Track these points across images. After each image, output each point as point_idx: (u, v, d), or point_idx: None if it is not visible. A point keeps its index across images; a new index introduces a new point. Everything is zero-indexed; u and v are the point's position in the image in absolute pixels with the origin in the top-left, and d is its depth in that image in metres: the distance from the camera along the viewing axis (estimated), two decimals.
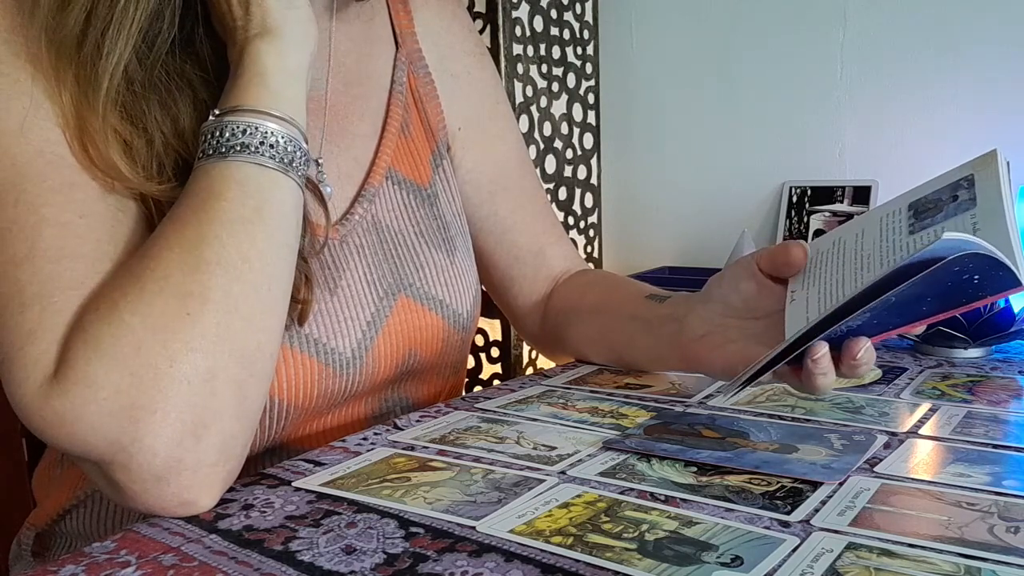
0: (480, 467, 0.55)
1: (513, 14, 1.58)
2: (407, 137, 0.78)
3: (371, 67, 0.77)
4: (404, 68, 0.79)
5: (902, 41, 1.49)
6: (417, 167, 0.78)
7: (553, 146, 1.71)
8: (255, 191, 0.55)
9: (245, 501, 0.52)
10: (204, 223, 0.53)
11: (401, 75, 0.78)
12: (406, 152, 0.77)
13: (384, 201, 0.74)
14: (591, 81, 1.80)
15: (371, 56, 0.77)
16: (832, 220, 1.57)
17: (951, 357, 0.86)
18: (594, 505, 0.49)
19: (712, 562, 0.42)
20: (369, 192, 0.73)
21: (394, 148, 0.76)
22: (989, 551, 0.42)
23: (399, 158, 0.76)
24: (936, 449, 0.58)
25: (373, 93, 0.77)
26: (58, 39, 0.55)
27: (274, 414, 0.64)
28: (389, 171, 0.75)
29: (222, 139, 0.55)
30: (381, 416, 0.74)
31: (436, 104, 0.81)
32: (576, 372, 0.82)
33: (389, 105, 0.77)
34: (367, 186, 0.73)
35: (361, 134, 0.75)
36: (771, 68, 1.62)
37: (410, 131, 0.78)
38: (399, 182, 0.76)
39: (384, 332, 0.70)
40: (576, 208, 1.79)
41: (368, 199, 0.73)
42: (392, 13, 0.80)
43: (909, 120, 1.50)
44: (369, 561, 0.43)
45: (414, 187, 0.77)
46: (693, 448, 0.57)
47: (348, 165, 0.73)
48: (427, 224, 0.77)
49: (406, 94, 0.78)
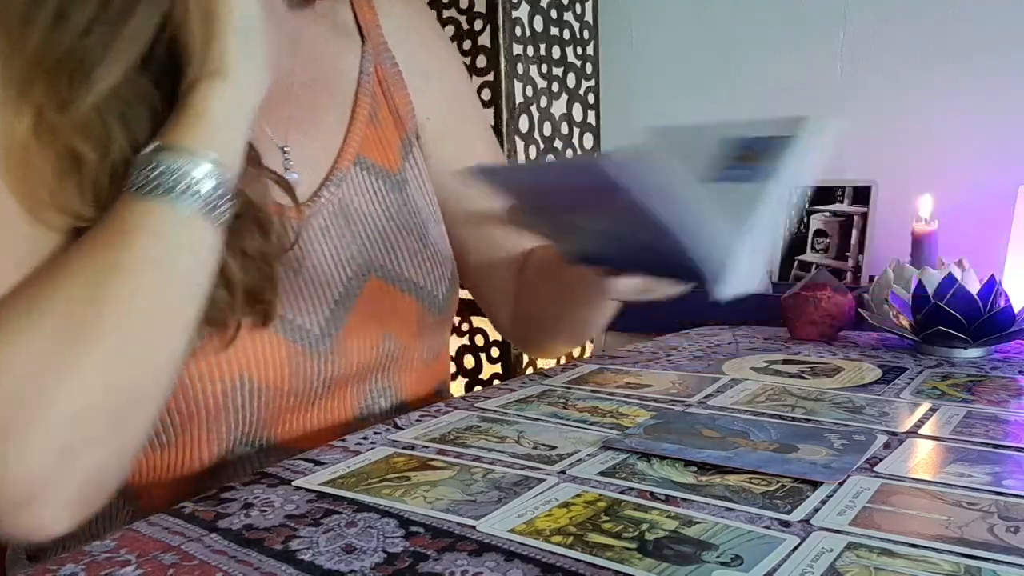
0: (480, 466, 0.55)
1: (513, 14, 1.58)
2: (376, 125, 0.79)
3: (338, 61, 0.79)
4: (371, 60, 0.80)
5: (902, 41, 1.49)
6: (386, 154, 0.79)
7: (553, 146, 1.71)
8: (169, 234, 0.54)
9: (245, 500, 0.52)
10: (110, 258, 0.53)
11: (368, 66, 0.80)
12: (375, 139, 0.78)
13: (352, 186, 0.75)
14: (591, 81, 1.80)
15: (338, 50, 0.79)
16: (832, 220, 1.57)
17: (951, 357, 0.86)
18: (594, 505, 0.49)
19: (712, 562, 0.42)
20: (336, 177, 0.74)
21: (362, 135, 0.77)
22: (989, 551, 0.42)
23: (368, 145, 0.77)
24: (936, 449, 0.58)
25: (341, 85, 0.78)
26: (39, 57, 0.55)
27: (246, 393, 0.64)
28: (358, 157, 0.76)
29: (150, 175, 0.54)
30: (369, 408, 0.74)
31: (404, 94, 0.82)
32: (576, 372, 0.82)
33: (357, 95, 0.78)
34: (335, 171, 0.74)
35: (329, 123, 0.76)
36: (771, 68, 1.62)
37: (379, 119, 0.79)
38: (368, 167, 0.77)
39: (355, 312, 0.71)
40: None
41: (335, 183, 0.74)
42: (356, 10, 0.82)
43: (909, 120, 1.50)
44: (369, 560, 0.43)
45: (384, 172, 0.78)
46: (693, 448, 0.57)
47: (316, 152, 0.74)
48: (397, 209, 0.77)
49: (373, 84, 0.80)
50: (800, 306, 0.96)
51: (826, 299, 0.94)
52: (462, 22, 1.60)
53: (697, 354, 0.89)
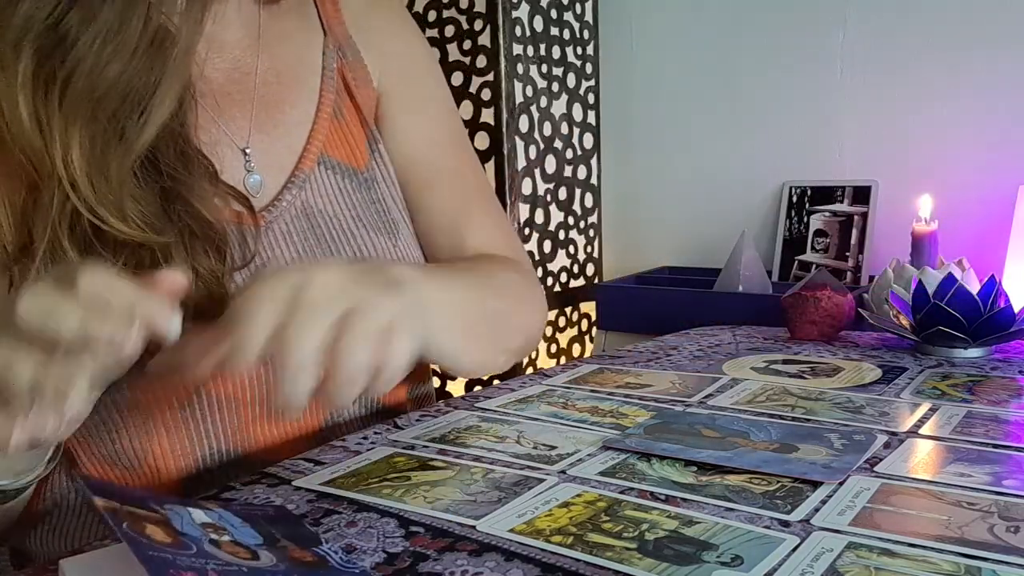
0: (480, 466, 0.55)
1: (513, 14, 1.58)
2: (340, 121, 0.76)
3: (301, 56, 0.76)
4: (333, 55, 0.78)
5: (902, 41, 1.49)
6: (353, 151, 0.76)
7: (553, 146, 1.71)
8: None
9: (246, 500, 0.52)
10: None
11: (331, 61, 0.77)
12: (340, 137, 0.76)
13: (316, 186, 0.73)
14: (591, 81, 1.80)
15: (302, 46, 0.77)
16: (832, 220, 1.57)
17: (951, 357, 0.86)
18: (594, 504, 0.49)
19: (712, 561, 0.42)
20: (299, 178, 0.72)
21: (327, 133, 0.75)
22: (990, 551, 0.42)
23: (332, 143, 0.75)
24: (936, 449, 0.58)
25: (304, 81, 0.76)
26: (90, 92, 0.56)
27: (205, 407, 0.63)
28: (321, 156, 0.74)
29: None
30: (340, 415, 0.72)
31: (369, 89, 0.79)
32: (576, 372, 0.82)
33: (321, 91, 0.76)
34: (297, 172, 0.72)
35: (293, 122, 0.74)
36: (771, 68, 1.62)
37: (343, 115, 0.77)
38: (332, 167, 0.74)
39: None
40: (576, 208, 1.79)
41: (298, 185, 0.71)
42: (318, 3, 0.79)
43: (909, 120, 1.50)
44: (369, 560, 0.43)
45: (349, 171, 0.75)
46: (693, 448, 0.57)
47: (279, 153, 0.72)
48: (364, 208, 0.75)
49: (337, 80, 0.77)
50: (800, 306, 0.96)
51: (826, 299, 0.94)
52: (462, 22, 1.60)
53: (697, 354, 0.89)
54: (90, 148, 0.56)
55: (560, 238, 1.76)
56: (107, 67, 0.56)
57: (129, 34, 0.57)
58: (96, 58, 0.56)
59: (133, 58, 0.57)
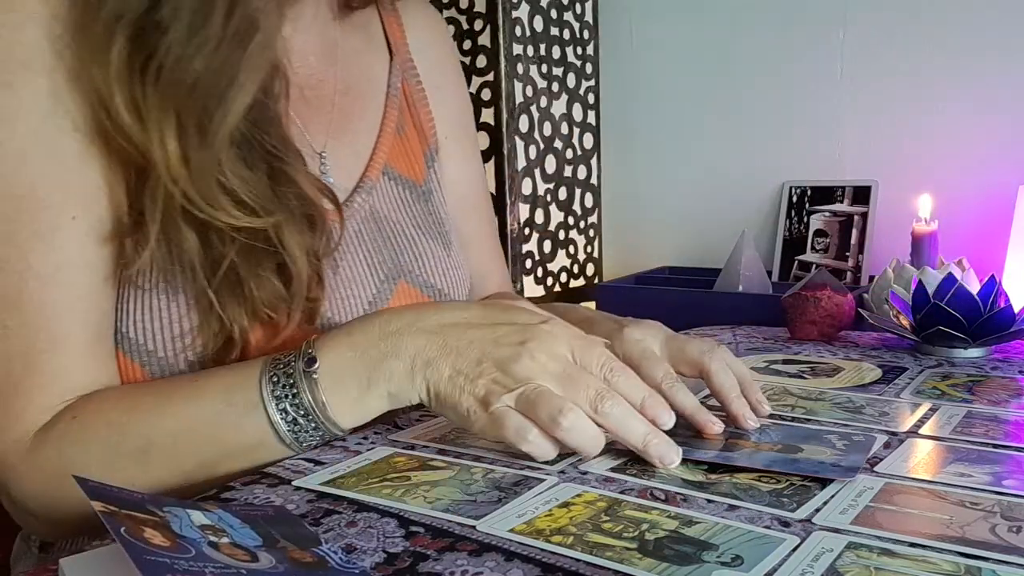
0: (480, 466, 0.55)
1: (513, 14, 1.58)
2: (403, 137, 0.82)
3: (370, 72, 0.82)
4: (399, 74, 0.84)
5: (902, 41, 1.49)
6: (412, 165, 0.82)
7: (553, 146, 1.71)
8: (248, 441, 0.58)
9: (245, 500, 0.52)
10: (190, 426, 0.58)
11: (396, 80, 0.83)
12: (402, 151, 0.81)
13: (381, 194, 0.77)
14: (591, 81, 1.80)
15: (370, 62, 0.82)
16: (832, 220, 1.57)
17: (951, 357, 0.86)
18: (594, 504, 0.49)
19: (712, 561, 0.42)
20: (367, 184, 0.76)
21: (390, 146, 0.80)
22: (991, 551, 0.42)
23: (395, 156, 0.80)
24: (936, 449, 0.58)
25: (372, 95, 0.81)
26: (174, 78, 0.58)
27: None
28: (385, 167, 0.79)
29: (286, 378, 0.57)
30: None
31: (427, 110, 0.86)
32: None
33: (386, 107, 0.81)
34: (365, 179, 0.76)
35: (361, 131, 0.78)
36: (771, 68, 1.62)
37: (405, 132, 0.82)
38: (395, 178, 0.79)
39: None
40: (576, 208, 1.79)
41: (366, 191, 0.76)
42: (385, 24, 0.85)
43: (909, 120, 1.50)
44: (369, 560, 0.43)
45: (409, 183, 0.81)
46: (699, 449, 0.57)
47: (348, 160, 0.76)
48: (423, 218, 0.80)
49: (400, 98, 0.83)
50: (800, 306, 0.95)
51: (826, 299, 0.94)
52: (462, 22, 1.60)
53: None
54: (184, 139, 0.59)
55: (560, 238, 1.75)
56: (193, 59, 0.58)
57: (213, 26, 0.59)
58: (182, 49, 0.58)
59: (217, 50, 0.59)
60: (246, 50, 0.60)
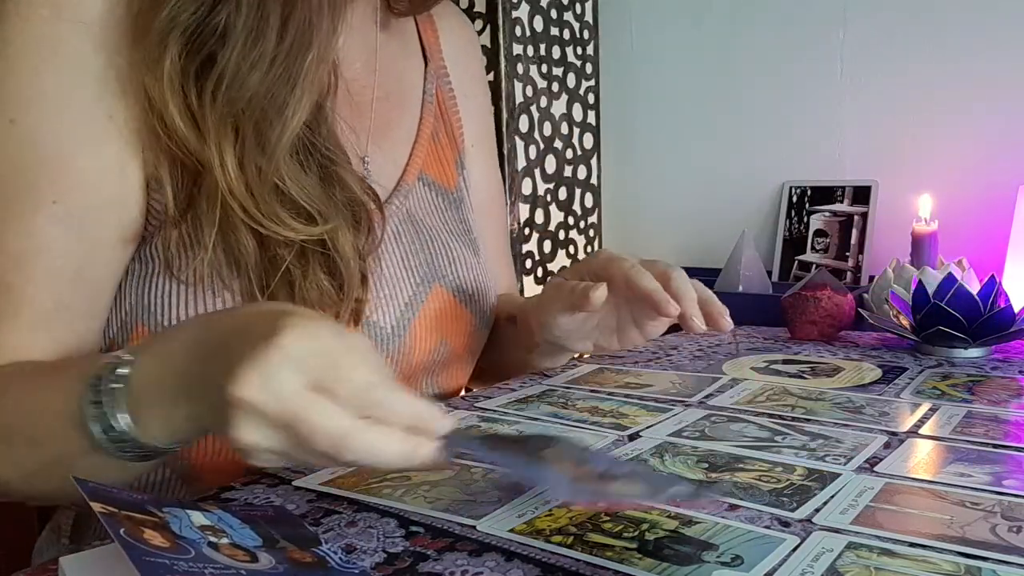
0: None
1: (513, 14, 1.58)
2: (437, 144, 0.83)
3: (406, 78, 0.83)
4: (433, 81, 0.85)
5: (902, 41, 1.49)
6: (445, 172, 0.83)
7: (553, 146, 1.71)
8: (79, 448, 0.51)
9: (245, 500, 0.52)
10: (45, 409, 0.53)
11: (431, 87, 0.85)
12: (436, 158, 0.83)
13: (417, 199, 0.79)
14: (591, 81, 1.80)
15: (406, 69, 0.83)
16: (832, 220, 1.57)
17: (951, 357, 0.86)
18: (594, 504, 0.49)
19: (712, 561, 0.42)
20: (404, 189, 0.78)
21: (425, 153, 0.81)
22: (991, 551, 0.42)
23: (429, 162, 0.81)
24: (936, 449, 0.58)
25: (408, 102, 0.82)
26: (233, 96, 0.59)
27: None
28: (421, 173, 0.80)
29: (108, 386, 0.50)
30: None
31: (457, 117, 0.87)
32: (576, 372, 0.82)
33: (422, 114, 0.83)
34: (402, 184, 0.78)
35: (398, 138, 0.80)
36: (771, 68, 1.62)
37: (440, 139, 0.84)
38: (429, 184, 0.81)
39: (421, 316, 0.74)
40: (576, 208, 1.79)
41: (403, 195, 0.77)
42: (420, 31, 0.86)
43: (909, 120, 1.50)
44: (369, 560, 0.43)
45: (442, 190, 0.82)
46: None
47: (387, 165, 0.78)
48: (455, 224, 0.82)
49: (435, 105, 0.84)
50: (800, 306, 0.95)
51: (826, 299, 0.94)
52: None
53: (697, 354, 0.89)
54: (243, 151, 0.59)
55: (560, 238, 1.75)
56: (250, 75, 0.59)
57: (268, 42, 0.59)
58: (239, 65, 0.58)
59: (272, 66, 0.59)
60: (304, 65, 0.60)
